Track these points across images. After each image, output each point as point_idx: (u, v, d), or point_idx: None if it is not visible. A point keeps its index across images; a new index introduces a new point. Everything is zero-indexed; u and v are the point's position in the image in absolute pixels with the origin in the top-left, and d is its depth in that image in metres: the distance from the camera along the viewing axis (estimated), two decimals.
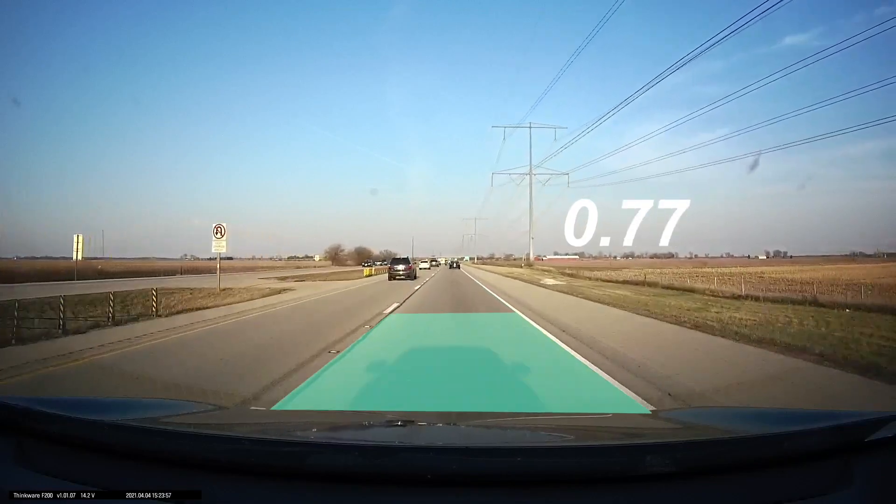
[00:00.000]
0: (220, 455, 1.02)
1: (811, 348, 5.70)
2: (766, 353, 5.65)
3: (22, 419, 1.14)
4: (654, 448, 1.09)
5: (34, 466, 1.05)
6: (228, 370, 4.90)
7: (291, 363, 5.16)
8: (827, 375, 4.61)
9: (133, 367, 5.04)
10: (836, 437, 1.07)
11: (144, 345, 6.43)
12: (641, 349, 5.99)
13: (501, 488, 0.93)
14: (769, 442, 1.09)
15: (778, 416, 1.60)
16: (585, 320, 8.95)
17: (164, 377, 4.51)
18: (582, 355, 5.74)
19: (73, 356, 5.57)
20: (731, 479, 0.98)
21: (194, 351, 6.03)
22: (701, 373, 4.77)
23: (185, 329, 7.81)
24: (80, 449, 1.09)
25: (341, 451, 1.05)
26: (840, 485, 0.97)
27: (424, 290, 17.88)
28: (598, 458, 1.03)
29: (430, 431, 1.52)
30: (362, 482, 0.95)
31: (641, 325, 8.37)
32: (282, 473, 0.98)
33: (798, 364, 5.07)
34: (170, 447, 1.06)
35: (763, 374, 4.75)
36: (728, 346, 6.16)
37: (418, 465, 0.96)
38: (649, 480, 0.95)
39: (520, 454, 1.03)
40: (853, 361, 4.99)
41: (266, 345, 6.43)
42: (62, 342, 6.51)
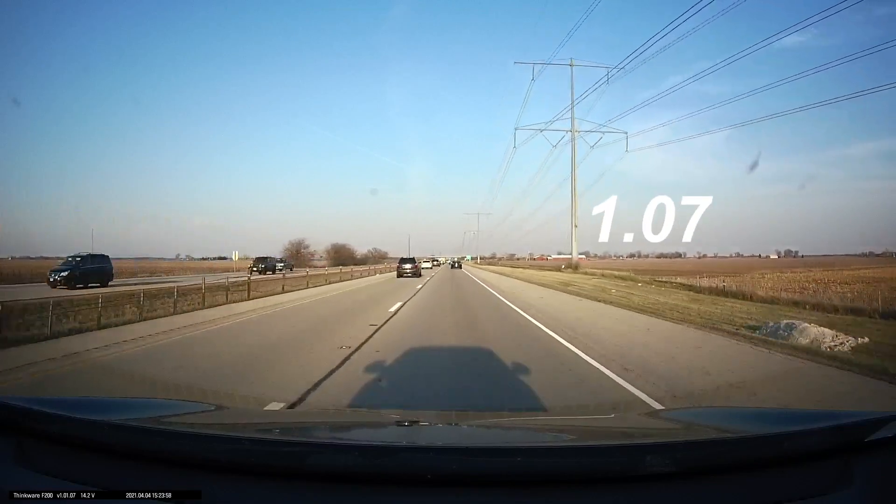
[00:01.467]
0: (220, 455, 1.02)
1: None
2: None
3: (22, 419, 1.14)
4: (654, 448, 1.09)
5: (34, 466, 1.04)
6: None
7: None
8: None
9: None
10: (836, 437, 1.07)
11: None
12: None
13: (501, 488, 0.93)
14: (769, 442, 1.09)
15: (778, 416, 1.61)
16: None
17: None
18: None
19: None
20: (731, 479, 0.98)
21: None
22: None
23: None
24: (80, 449, 1.09)
25: (341, 451, 1.05)
26: (840, 485, 0.97)
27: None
28: (598, 458, 1.03)
29: (431, 431, 1.52)
30: (362, 482, 0.94)
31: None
32: (282, 473, 0.98)
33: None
34: (170, 447, 1.06)
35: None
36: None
37: (418, 465, 0.96)
38: (649, 480, 0.95)
39: (520, 454, 1.03)
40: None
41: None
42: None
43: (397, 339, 6.96)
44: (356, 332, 7.40)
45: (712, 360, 5.57)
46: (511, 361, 5.40)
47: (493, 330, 8.03)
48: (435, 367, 5.40)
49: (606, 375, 4.87)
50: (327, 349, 6.12)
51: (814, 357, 5.64)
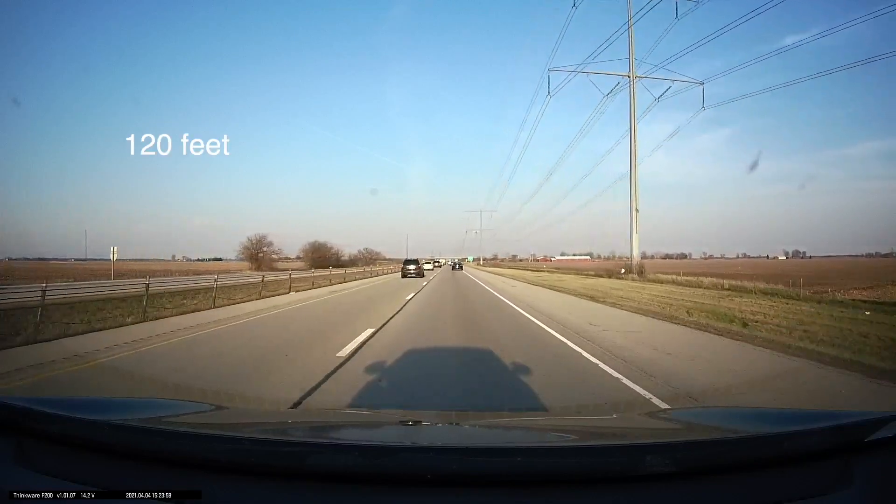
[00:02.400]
0: (220, 455, 1.02)
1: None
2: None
3: (22, 419, 1.14)
4: (654, 448, 1.09)
5: (34, 466, 1.04)
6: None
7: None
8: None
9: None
10: (836, 437, 1.07)
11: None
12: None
13: (501, 488, 0.93)
14: (769, 442, 1.09)
15: (778, 416, 1.60)
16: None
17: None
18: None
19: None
20: (731, 479, 0.98)
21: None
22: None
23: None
24: (80, 449, 1.09)
25: (341, 451, 1.05)
26: (840, 485, 0.97)
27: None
28: (598, 458, 1.03)
29: (431, 431, 1.52)
30: (362, 482, 0.94)
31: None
32: (282, 473, 0.98)
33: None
34: (170, 447, 1.06)
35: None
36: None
37: (418, 465, 0.96)
38: (649, 480, 0.95)
39: (520, 454, 1.03)
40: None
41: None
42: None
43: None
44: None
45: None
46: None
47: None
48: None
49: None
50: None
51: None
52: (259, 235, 59.87)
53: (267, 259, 57.02)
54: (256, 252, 58.19)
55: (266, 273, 23.60)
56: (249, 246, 58.74)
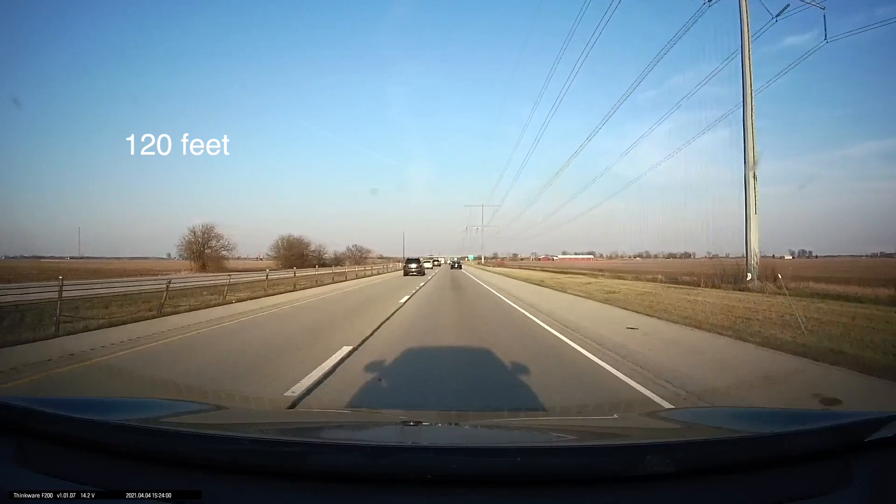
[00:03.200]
0: (220, 455, 1.02)
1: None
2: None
3: (22, 419, 1.14)
4: (654, 448, 1.09)
5: (34, 466, 1.04)
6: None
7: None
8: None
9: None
10: (835, 437, 1.07)
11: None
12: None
13: (502, 488, 0.93)
14: (769, 442, 1.09)
15: (778, 416, 1.60)
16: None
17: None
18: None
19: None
20: (731, 479, 0.98)
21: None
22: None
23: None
24: (80, 449, 1.09)
25: (342, 451, 1.05)
26: (840, 485, 0.97)
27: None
28: (599, 458, 1.03)
29: (431, 431, 1.52)
30: (363, 482, 0.94)
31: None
32: (282, 473, 0.98)
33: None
34: (170, 447, 1.06)
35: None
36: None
37: (419, 465, 0.96)
38: (650, 480, 0.95)
39: (521, 454, 1.03)
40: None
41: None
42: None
43: None
44: None
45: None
46: None
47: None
48: None
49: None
50: None
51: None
52: (206, 226, 44.67)
53: (215, 257, 43.68)
54: (202, 248, 43.81)
55: (210, 275, 18.76)
56: (193, 240, 43.93)
